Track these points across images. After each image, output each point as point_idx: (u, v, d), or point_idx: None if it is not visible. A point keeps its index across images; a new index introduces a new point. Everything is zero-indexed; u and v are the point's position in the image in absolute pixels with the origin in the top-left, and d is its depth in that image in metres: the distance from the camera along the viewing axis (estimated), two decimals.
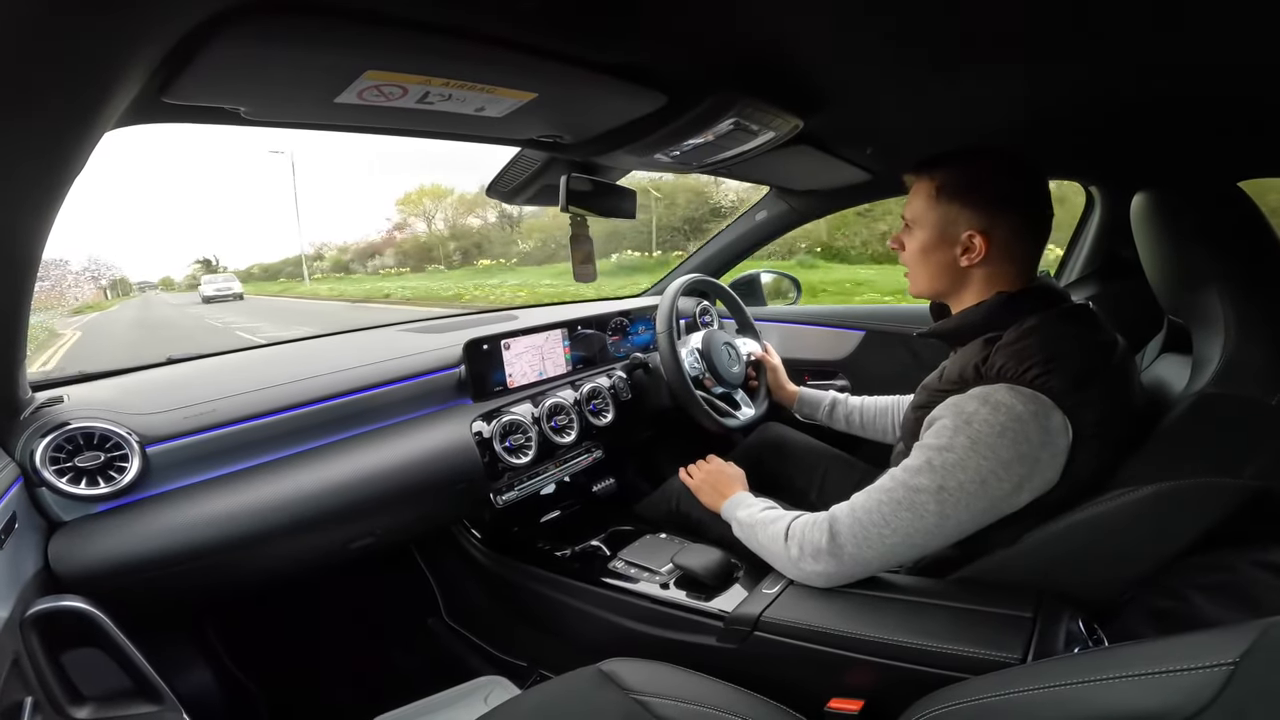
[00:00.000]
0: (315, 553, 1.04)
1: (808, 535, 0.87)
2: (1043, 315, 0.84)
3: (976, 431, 0.77)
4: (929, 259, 0.91)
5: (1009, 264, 0.88)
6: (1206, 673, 0.40)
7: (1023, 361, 0.78)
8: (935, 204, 0.89)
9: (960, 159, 0.89)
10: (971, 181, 0.87)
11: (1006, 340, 0.82)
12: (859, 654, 0.79)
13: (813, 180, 1.57)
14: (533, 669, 1.30)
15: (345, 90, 0.64)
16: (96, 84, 0.48)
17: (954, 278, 0.91)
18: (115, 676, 0.78)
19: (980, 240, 0.86)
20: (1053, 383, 0.77)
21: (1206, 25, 0.67)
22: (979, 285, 0.89)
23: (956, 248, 0.88)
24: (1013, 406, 0.76)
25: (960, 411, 0.79)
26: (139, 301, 33.50)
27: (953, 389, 0.83)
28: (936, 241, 0.90)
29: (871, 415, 1.38)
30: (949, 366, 0.88)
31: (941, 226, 0.89)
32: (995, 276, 0.88)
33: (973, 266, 0.88)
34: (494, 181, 1.22)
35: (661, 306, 1.42)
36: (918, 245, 0.92)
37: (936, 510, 0.79)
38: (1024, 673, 0.62)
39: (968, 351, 0.86)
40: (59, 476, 0.82)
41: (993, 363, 0.81)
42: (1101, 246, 1.53)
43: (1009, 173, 0.87)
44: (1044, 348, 0.79)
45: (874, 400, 1.40)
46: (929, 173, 0.90)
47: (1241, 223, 0.85)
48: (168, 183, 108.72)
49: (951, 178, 0.88)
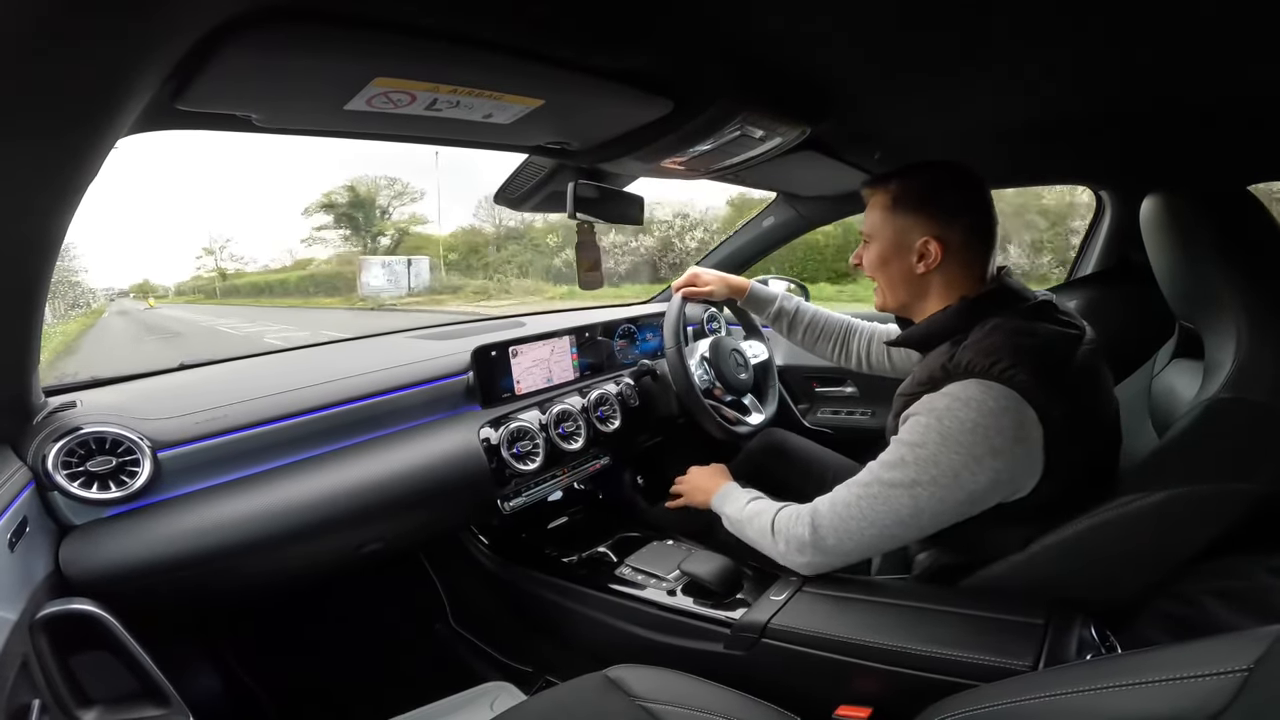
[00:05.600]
0: (324, 558, 1.04)
1: (792, 530, 0.90)
2: (1006, 313, 0.85)
3: (947, 427, 0.79)
4: (888, 270, 0.94)
5: (964, 268, 0.90)
6: (1220, 679, 0.39)
7: (989, 356, 0.80)
8: (891, 216, 0.92)
9: (912, 171, 0.92)
10: (925, 192, 0.90)
11: (972, 339, 0.84)
12: (867, 661, 0.79)
13: (820, 186, 1.57)
14: (539, 675, 1.29)
15: (355, 97, 0.65)
16: (111, 90, 0.48)
17: (914, 287, 0.93)
18: (123, 680, 0.78)
19: (936, 246, 0.89)
20: (1020, 376, 0.78)
21: (1215, 30, 0.67)
22: (939, 292, 0.92)
23: (912, 256, 0.91)
24: (983, 401, 0.78)
25: (933, 408, 0.81)
26: (119, 321, 24.48)
27: (923, 390, 0.85)
28: (893, 252, 0.93)
29: (817, 332, 1.38)
30: (918, 370, 0.90)
31: (897, 237, 0.92)
32: (953, 282, 0.90)
33: (930, 273, 0.90)
34: (501, 188, 1.23)
35: (669, 314, 1.42)
36: (876, 257, 0.95)
37: (911, 505, 0.81)
38: (1035, 680, 0.61)
39: (935, 354, 0.88)
40: (71, 480, 0.82)
41: (959, 360, 0.82)
42: (1112, 251, 1.52)
43: (960, 184, 0.91)
44: (1009, 342, 0.80)
45: (826, 316, 1.39)
46: (883, 186, 0.93)
47: (1252, 227, 0.85)
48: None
49: (905, 190, 0.91)
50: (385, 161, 68.67)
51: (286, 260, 34.97)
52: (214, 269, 37.83)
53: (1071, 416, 0.79)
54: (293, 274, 32.13)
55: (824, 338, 1.37)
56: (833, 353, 1.37)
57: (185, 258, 61.64)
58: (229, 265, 37.25)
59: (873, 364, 1.34)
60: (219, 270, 37.54)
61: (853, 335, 1.36)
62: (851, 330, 1.36)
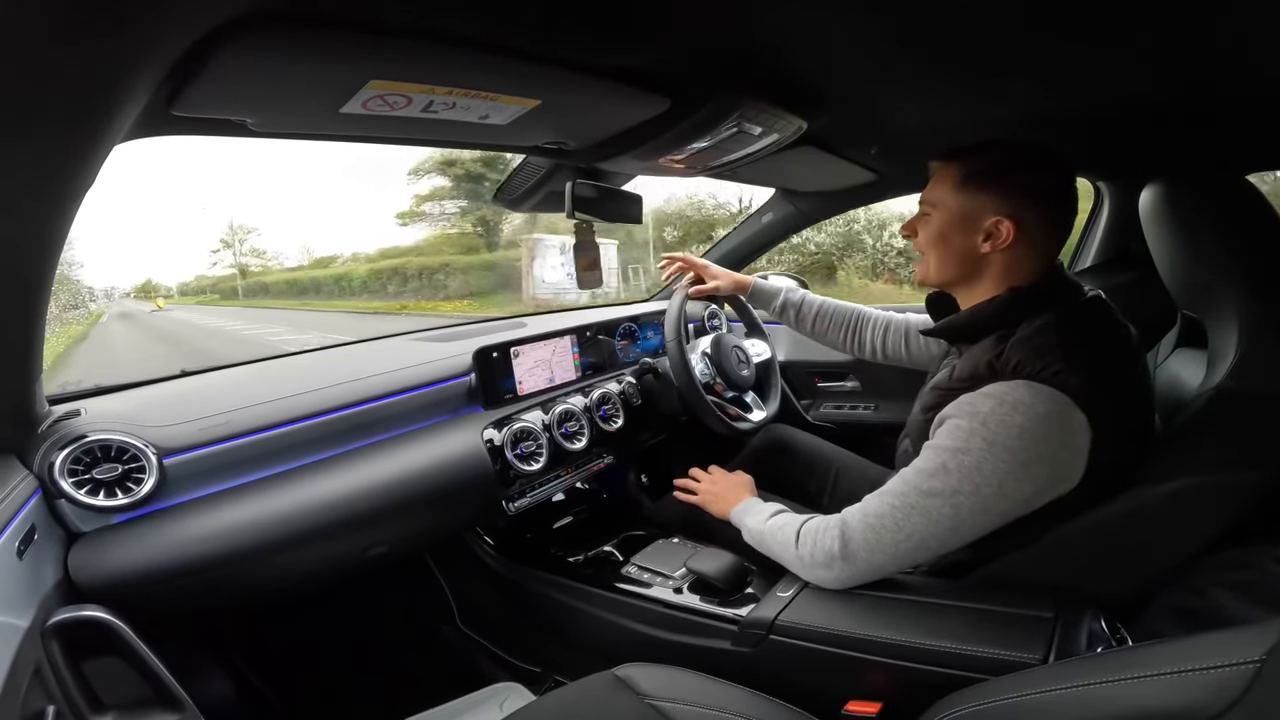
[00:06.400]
0: (330, 562, 1.04)
1: (819, 541, 0.86)
2: (1059, 309, 0.81)
3: (993, 432, 0.75)
4: (946, 243, 0.89)
5: (1031, 255, 0.85)
6: (1232, 671, 0.39)
7: (1041, 357, 0.76)
8: (960, 189, 0.86)
9: (991, 147, 0.87)
10: (1003, 170, 0.85)
11: (1022, 335, 0.80)
12: (876, 656, 0.78)
13: (818, 181, 1.57)
14: (547, 675, 1.30)
15: (350, 100, 0.65)
16: (105, 96, 0.48)
17: (969, 266, 0.88)
18: (136, 685, 0.79)
19: (1008, 226, 0.83)
20: (1073, 380, 0.74)
21: (1214, 19, 0.67)
22: (994, 276, 0.87)
23: (979, 234, 0.85)
24: (1032, 405, 0.74)
25: (975, 411, 0.77)
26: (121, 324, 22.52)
27: (964, 387, 0.81)
28: (957, 226, 0.87)
29: (826, 321, 1.35)
30: (959, 364, 0.86)
31: (965, 211, 0.86)
32: (1013, 267, 0.85)
33: (993, 253, 0.85)
34: (500, 189, 1.23)
35: (670, 312, 1.41)
36: (935, 229, 0.89)
37: (951, 514, 0.77)
38: (1045, 673, 0.61)
39: (979, 348, 0.84)
40: (77, 488, 0.83)
41: (1008, 358, 0.78)
42: (1112, 241, 1.51)
43: (1045, 166, 0.85)
44: (1063, 343, 0.77)
45: (834, 305, 1.36)
46: (956, 159, 0.88)
47: (1252, 216, 0.84)
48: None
49: (981, 165, 0.86)
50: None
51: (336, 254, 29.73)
52: (232, 265, 34.14)
53: (1119, 419, 0.76)
54: (362, 267, 25.43)
55: (834, 326, 1.34)
56: (844, 341, 1.34)
57: (199, 252, 58.41)
58: (252, 260, 33.24)
59: (888, 354, 1.30)
60: (238, 267, 33.57)
61: (865, 324, 1.32)
62: (864, 319, 1.33)
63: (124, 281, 42.00)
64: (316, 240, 31.53)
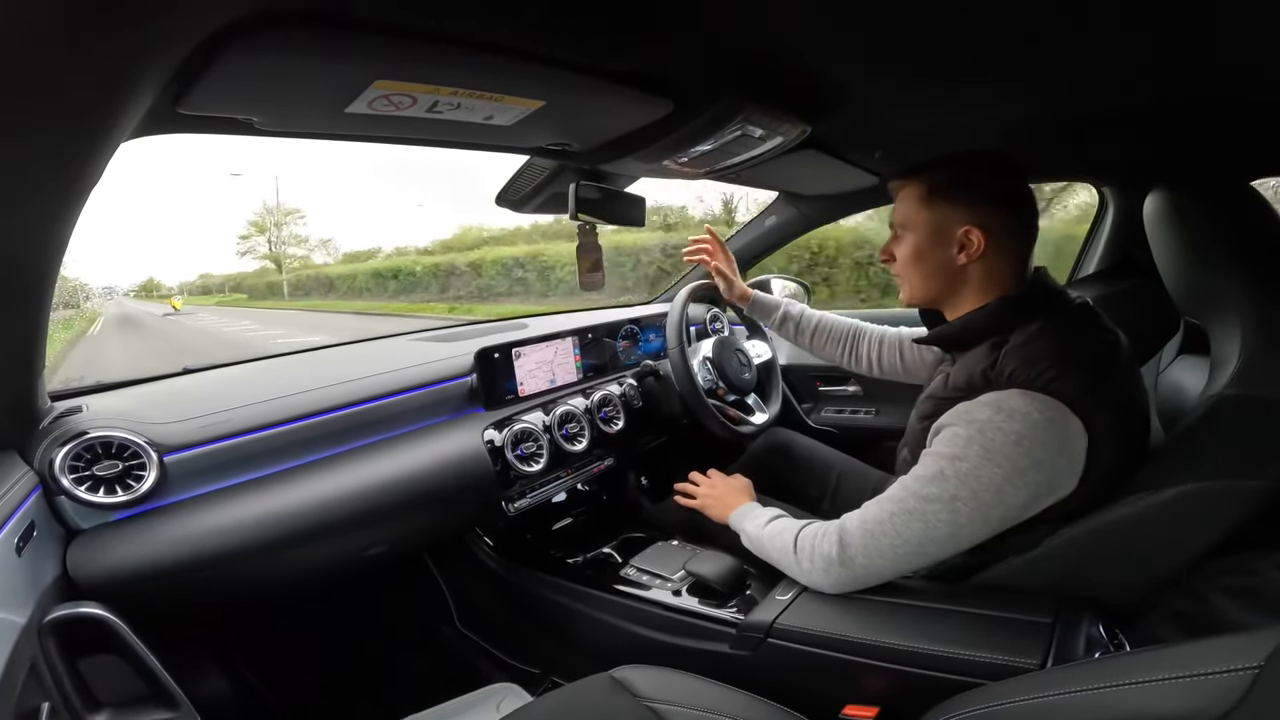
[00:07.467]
0: (330, 560, 1.04)
1: (818, 546, 0.86)
2: (1049, 317, 0.82)
3: (990, 440, 0.75)
4: (924, 262, 0.90)
5: (1005, 261, 0.86)
6: (1232, 676, 0.39)
7: (1035, 365, 0.77)
8: (926, 204, 0.88)
9: (947, 160, 0.89)
10: (965, 179, 0.87)
11: (1015, 344, 0.80)
12: (874, 660, 0.78)
13: (821, 185, 1.57)
14: (545, 676, 1.29)
15: (355, 100, 0.65)
16: (112, 94, 0.49)
17: (950, 280, 0.89)
18: (132, 683, 0.79)
19: (979, 235, 0.84)
20: (1068, 386, 0.75)
21: (1216, 26, 0.67)
22: (976, 287, 0.88)
23: (953, 246, 0.86)
24: (1028, 413, 0.75)
25: (972, 420, 0.78)
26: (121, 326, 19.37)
27: (960, 396, 0.82)
28: (931, 242, 0.88)
29: (824, 337, 1.36)
30: (953, 373, 0.86)
31: (934, 225, 0.88)
32: (993, 275, 0.86)
33: (971, 264, 0.86)
34: (503, 190, 1.23)
35: (671, 315, 1.42)
36: (910, 249, 0.91)
37: (949, 520, 0.78)
38: (1044, 678, 0.61)
39: (973, 357, 0.85)
40: (77, 485, 0.83)
41: (1002, 367, 0.79)
42: (1116, 248, 1.51)
43: (1000, 172, 0.87)
44: (1055, 350, 0.77)
45: (832, 320, 1.37)
46: (915, 176, 0.90)
47: (1255, 222, 0.84)
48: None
49: (943, 177, 0.88)
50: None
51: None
52: (265, 255, 29.37)
53: (1114, 425, 0.77)
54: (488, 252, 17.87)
55: (831, 341, 1.36)
56: (840, 356, 1.36)
57: (225, 239, 50.53)
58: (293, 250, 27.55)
59: (884, 368, 1.31)
60: (274, 257, 28.40)
61: (861, 338, 1.34)
62: (860, 333, 1.34)
63: (124, 279, 38.85)
64: (369, 232, 28.00)
